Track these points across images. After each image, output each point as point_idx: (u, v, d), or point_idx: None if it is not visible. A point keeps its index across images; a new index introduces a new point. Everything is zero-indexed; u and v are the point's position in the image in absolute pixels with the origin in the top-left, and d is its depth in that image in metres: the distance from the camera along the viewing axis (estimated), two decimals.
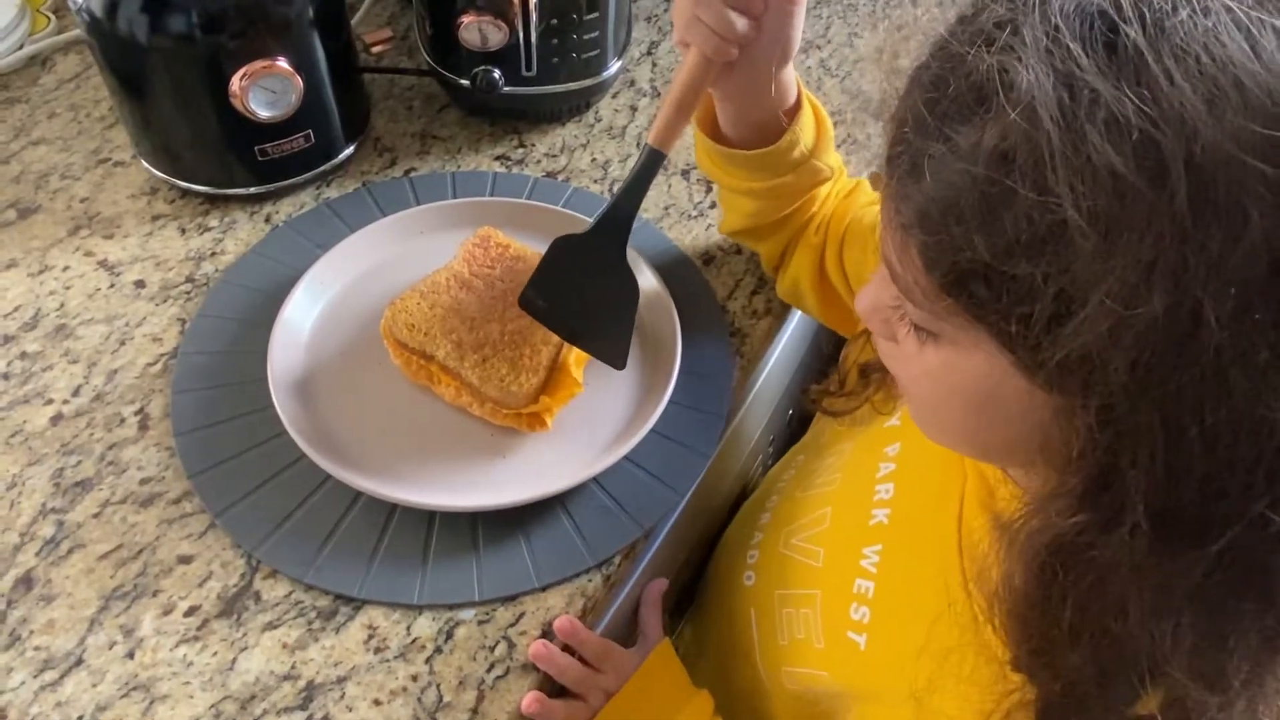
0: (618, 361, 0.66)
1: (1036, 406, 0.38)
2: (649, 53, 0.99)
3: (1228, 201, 0.31)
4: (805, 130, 0.64)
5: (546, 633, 0.61)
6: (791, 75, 0.63)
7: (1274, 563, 0.36)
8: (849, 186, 0.71)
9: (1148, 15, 0.32)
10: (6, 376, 0.70)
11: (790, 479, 0.74)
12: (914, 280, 0.39)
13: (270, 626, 0.60)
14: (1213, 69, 0.31)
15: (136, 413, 0.68)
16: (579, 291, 0.66)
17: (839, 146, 0.72)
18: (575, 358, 0.68)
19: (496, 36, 0.80)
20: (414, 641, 0.60)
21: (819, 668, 0.61)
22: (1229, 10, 0.32)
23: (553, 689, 0.61)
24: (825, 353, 0.96)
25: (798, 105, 0.64)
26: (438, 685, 0.58)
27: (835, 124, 0.68)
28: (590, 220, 0.66)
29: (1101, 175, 0.32)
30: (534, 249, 0.74)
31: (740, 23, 0.57)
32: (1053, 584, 0.40)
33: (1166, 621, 0.38)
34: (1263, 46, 0.31)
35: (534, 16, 0.79)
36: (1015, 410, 0.39)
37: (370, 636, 0.60)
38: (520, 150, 0.88)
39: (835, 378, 0.64)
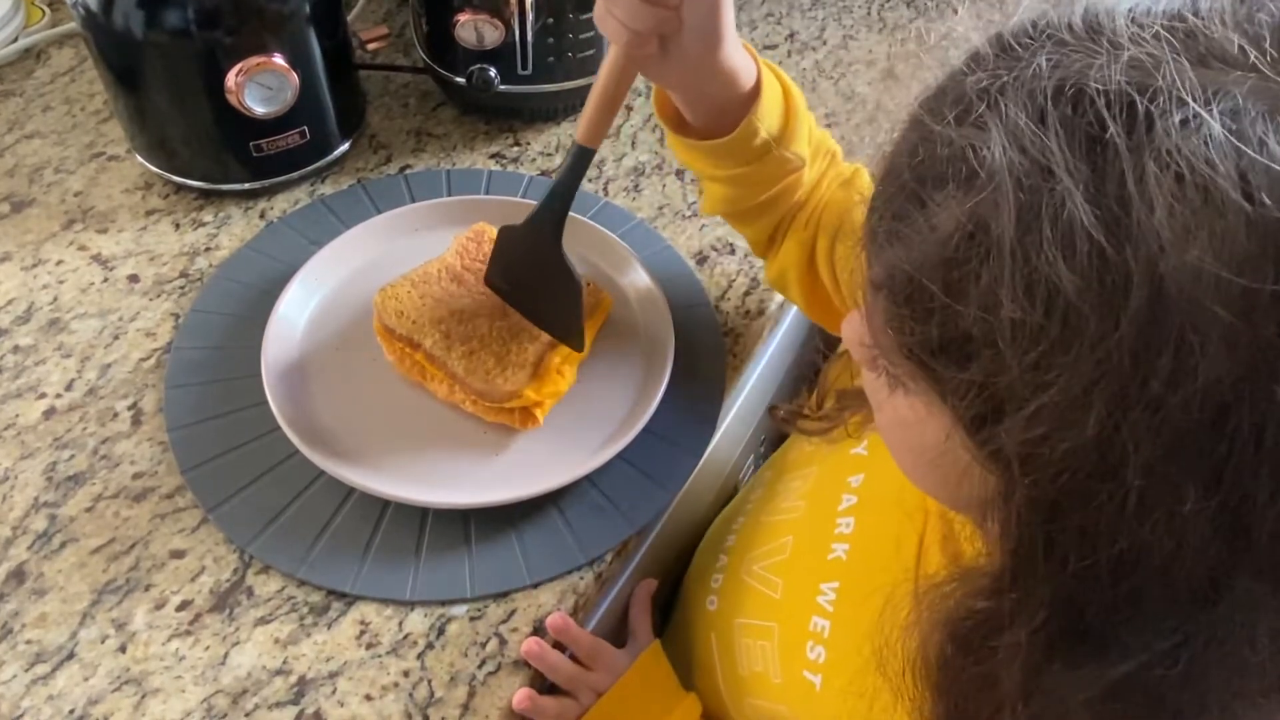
0: (575, 344, 0.67)
1: (981, 481, 0.36)
2: None
3: (1178, 343, 0.28)
4: (767, 118, 0.59)
5: (538, 630, 0.61)
6: (741, 61, 0.58)
7: (1171, 699, 0.35)
8: (847, 173, 0.66)
9: (1140, 111, 0.29)
10: None
11: (757, 500, 0.71)
12: (879, 334, 0.38)
13: (262, 621, 0.60)
14: (1193, 193, 0.28)
15: (130, 407, 0.69)
16: (528, 278, 0.67)
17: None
18: (562, 357, 0.68)
19: (492, 35, 0.80)
20: (406, 637, 0.60)
21: (778, 701, 0.59)
22: (1230, 127, 0.28)
23: (543, 686, 0.62)
24: (820, 352, 0.96)
25: (756, 92, 0.59)
26: (429, 681, 0.58)
27: (829, 125, 0.66)
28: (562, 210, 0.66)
29: (1047, 288, 0.30)
30: None
31: (652, 16, 0.53)
32: (947, 661, 0.40)
33: None
34: (1254, 174, 0.28)
35: (530, 15, 0.79)
36: (966, 478, 0.37)
37: (362, 632, 0.60)
38: (515, 149, 0.88)
39: (811, 397, 0.62)
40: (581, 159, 0.62)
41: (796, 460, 0.70)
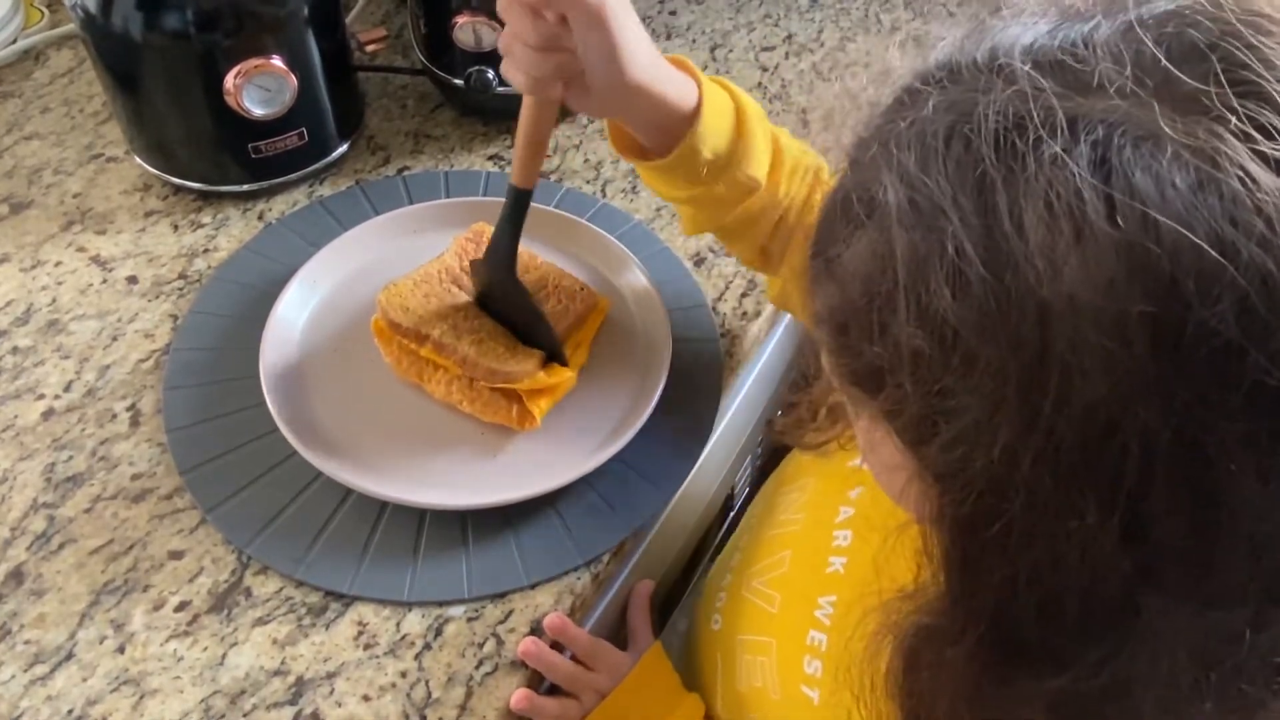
0: (559, 359, 0.69)
1: (925, 499, 0.37)
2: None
3: (1061, 366, 0.29)
4: (710, 138, 0.57)
5: (536, 630, 0.61)
6: (668, 83, 0.56)
7: (1103, 712, 0.35)
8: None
9: (1016, 146, 0.30)
10: None
11: (758, 515, 0.71)
12: (827, 362, 0.39)
13: (260, 622, 0.60)
14: (1064, 222, 0.29)
15: (128, 408, 0.69)
16: (502, 304, 0.69)
17: (827, 152, 0.65)
18: (570, 349, 0.69)
19: (491, 37, 0.81)
20: (403, 638, 0.60)
21: (778, 718, 0.59)
22: (1097, 158, 0.29)
23: (541, 687, 0.62)
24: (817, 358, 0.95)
25: (698, 108, 0.57)
26: (427, 681, 0.59)
27: (826, 128, 0.64)
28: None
29: (940, 323, 0.31)
30: (524, 247, 0.74)
31: (550, 63, 0.54)
32: (900, 675, 0.41)
33: None
34: (1119, 201, 0.28)
35: None
36: (918, 495, 0.38)
37: (360, 633, 0.60)
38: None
39: (805, 408, 0.62)
40: (518, 200, 0.64)
41: (794, 472, 0.70)
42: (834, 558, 0.58)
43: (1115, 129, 0.29)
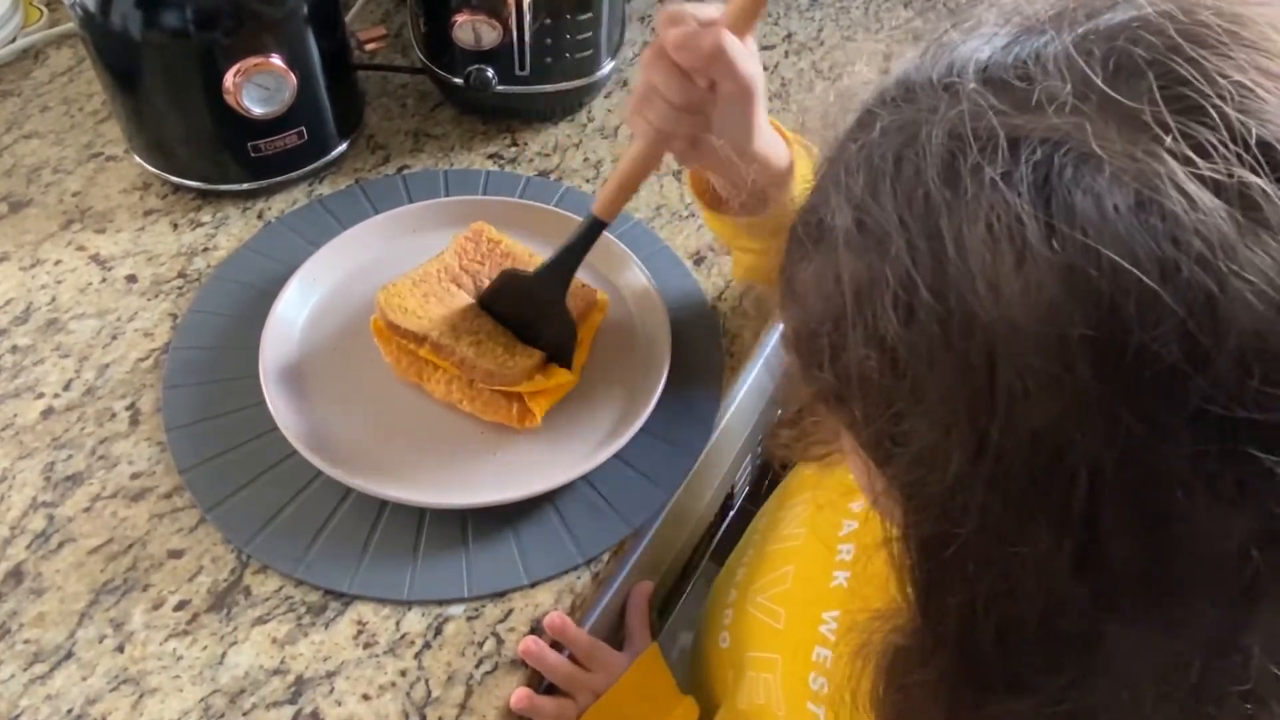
0: (566, 365, 0.69)
1: (893, 518, 0.37)
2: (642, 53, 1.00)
3: (1007, 391, 0.29)
4: (801, 198, 0.60)
5: (536, 629, 0.61)
6: (772, 146, 0.58)
7: None
8: None
9: (957, 168, 0.30)
10: None
11: (762, 529, 0.71)
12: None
13: (260, 621, 0.60)
14: (1005, 246, 0.29)
15: (128, 407, 0.69)
16: (526, 317, 0.69)
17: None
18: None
19: (490, 35, 0.81)
20: (403, 637, 0.60)
21: None
22: (1037, 179, 0.29)
23: (541, 686, 0.62)
24: None
25: (790, 171, 0.59)
26: (426, 680, 0.59)
27: (825, 126, 0.66)
28: (563, 252, 0.67)
29: (889, 349, 0.31)
30: (525, 247, 0.74)
31: (684, 121, 0.55)
32: (878, 694, 0.40)
33: None
34: (1059, 223, 0.28)
35: (528, 16, 0.79)
36: (889, 512, 0.38)
37: (359, 632, 0.60)
38: (513, 149, 0.89)
39: (809, 421, 0.62)
40: (594, 229, 0.64)
41: (798, 486, 0.69)
42: (838, 572, 0.58)
43: (1057, 149, 0.29)
